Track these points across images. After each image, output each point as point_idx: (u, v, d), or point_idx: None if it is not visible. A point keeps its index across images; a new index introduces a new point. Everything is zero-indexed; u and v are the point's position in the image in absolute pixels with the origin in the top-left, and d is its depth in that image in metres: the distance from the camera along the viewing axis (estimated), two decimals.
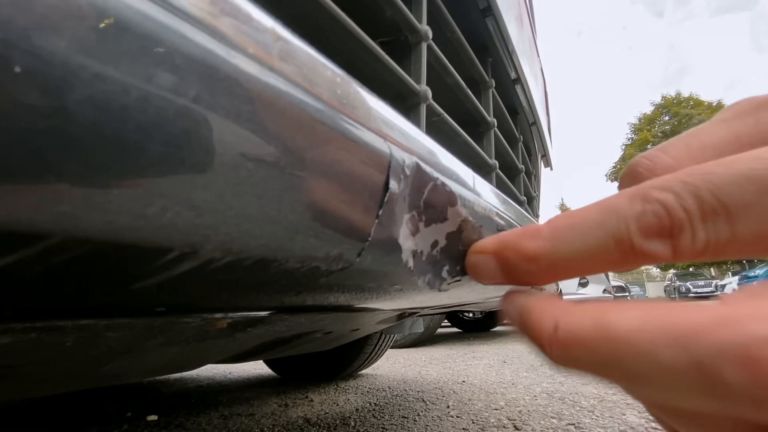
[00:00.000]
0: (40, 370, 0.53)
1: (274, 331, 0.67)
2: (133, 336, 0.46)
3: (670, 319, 0.14)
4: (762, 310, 0.14)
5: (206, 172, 0.12)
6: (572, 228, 0.18)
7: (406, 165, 0.21)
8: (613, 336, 0.15)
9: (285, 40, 0.15)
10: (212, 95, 0.12)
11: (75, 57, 0.09)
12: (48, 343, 0.36)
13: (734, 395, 0.13)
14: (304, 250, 0.16)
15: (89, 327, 0.31)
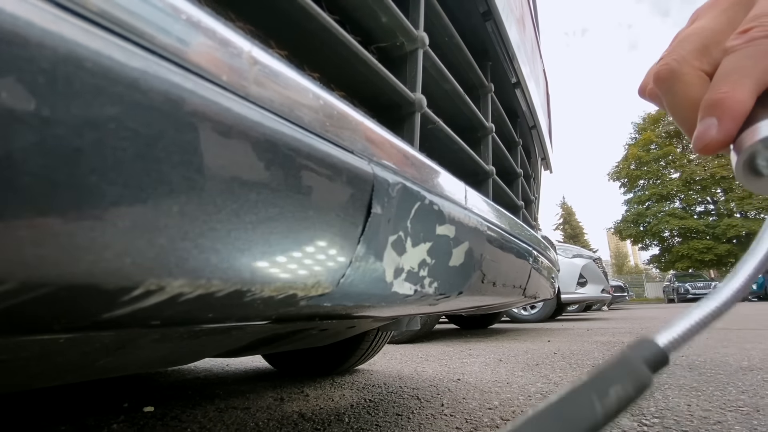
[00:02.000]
0: (34, 365, 0.53)
1: (270, 328, 0.67)
2: (127, 334, 0.46)
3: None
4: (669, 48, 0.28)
5: (168, 212, 0.12)
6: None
7: (391, 187, 0.20)
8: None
9: (262, 65, 0.15)
10: (178, 130, 0.11)
11: (23, 102, 0.08)
12: (41, 340, 0.36)
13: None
14: (279, 280, 0.16)
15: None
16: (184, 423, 1.23)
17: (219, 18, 0.13)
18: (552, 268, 0.78)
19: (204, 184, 0.12)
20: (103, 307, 0.13)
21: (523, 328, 4.75)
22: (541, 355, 2.48)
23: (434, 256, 0.24)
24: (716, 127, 0.25)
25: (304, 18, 0.24)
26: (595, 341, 3.17)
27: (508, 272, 0.40)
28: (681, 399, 1.40)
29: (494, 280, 0.36)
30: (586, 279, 5.68)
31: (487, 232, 0.31)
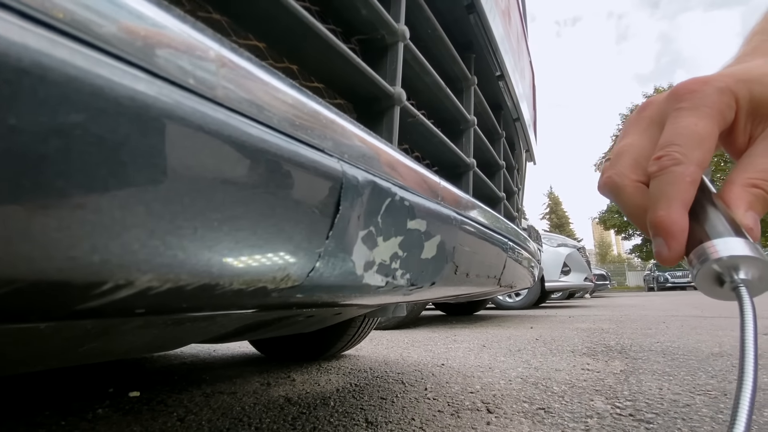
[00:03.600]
0: (15, 350, 0.53)
1: (255, 315, 0.68)
2: (108, 321, 0.46)
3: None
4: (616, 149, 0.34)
5: (134, 212, 0.12)
6: None
7: (360, 185, 0.21)
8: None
9: (231, 67, 0.15)
10: (143, 134, 0.12)
11: None
12: (21, 327, 0.36)
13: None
14: (248, 274, 0.17)
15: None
16: (170, 407, 1.24)
17: (187, 19, 0.14)
18: (531, 258, 0.80)
19: (170, 185, 0.13)
20: (75, 300, 0.13)
21: (508, 315, 4.85)
22: (524, 341, 2.55)
23: (406, 249, 0.25)
24: (666, 247, 0.30)
25: (280, 10, 0.24)
26: (576, 328, 3.27)
27: (482, 263, 0.42)
28: (653, 383, 1.47)
29: (467, 271, 0.37)
30: (569, 267, 5.81)
31: (460, 226, 0.32)
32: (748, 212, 0.30)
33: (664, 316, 4.17)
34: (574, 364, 1.82)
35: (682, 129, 0.31)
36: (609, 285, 12.99)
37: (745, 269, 0.28)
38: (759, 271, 0.28)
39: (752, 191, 0.30)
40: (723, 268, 0.28)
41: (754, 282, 0.28)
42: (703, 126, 0.30)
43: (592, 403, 1.25)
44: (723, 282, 0.29)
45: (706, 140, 0.30)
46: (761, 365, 1.60)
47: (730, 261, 0.28)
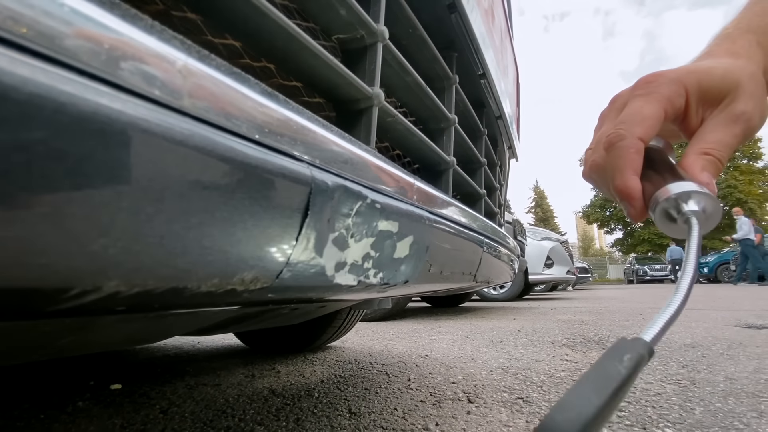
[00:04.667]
0: None
1: (239, 310, 0.67)
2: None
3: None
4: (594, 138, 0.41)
5: (98, 222, 0.13)
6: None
7: (330, 189, 0.21)
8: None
9: (198, 76, 0.16)
10: (108, 147, 0.12)
11: None
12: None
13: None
14: (216, 277, 0.17)
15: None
16: (152, 400, 1.24)
17: (154, 29, 0.14)
18: (510, 254, 0.82)
19: (135, 196, 0.13)
20: (45, 303, 0.14)
21: (492, 307, 4.94)
22: (506, 333, 2.61)
23: (378, 250, 0.25)
24: (630, 207, 0.36)
25: (251, 10, 0.24)
26: (557, 320, 3.35)
27: (457, 261, 0.43)
28: None
29: (441, 269, 0.38)
30: (552, 261, 5.93)
31: (433, 225, 0.33)
32: (703, 172, 0.35)
33: (641, 309, 4.31)
34: (553, 355, 1.87)
35: (630, 111, 0.36)
36: (591, 278, 13.33)
37: (694, 202, 0.32)
38: (708, 205, 0.32)
39: (704, 157, 0.35)
40: (671, 204, 0.32)
41: (704, 215, 0.32)
42: (649, 108, 0.36)
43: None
44: (675, 215, 0.33)
45: (648, 119, 0.35)
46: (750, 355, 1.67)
47: (678, 196, 0.32)
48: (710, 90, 0.36)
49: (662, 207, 0.33)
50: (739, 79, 0.36)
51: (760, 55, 0.41)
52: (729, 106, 0.36)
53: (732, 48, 0.41)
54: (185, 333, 1.07)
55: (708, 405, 1.14)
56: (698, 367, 1.57)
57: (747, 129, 0.36)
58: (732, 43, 0.42)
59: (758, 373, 1.45)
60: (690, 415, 1.05)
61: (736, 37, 0.43)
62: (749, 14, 0.46)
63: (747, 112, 0.36)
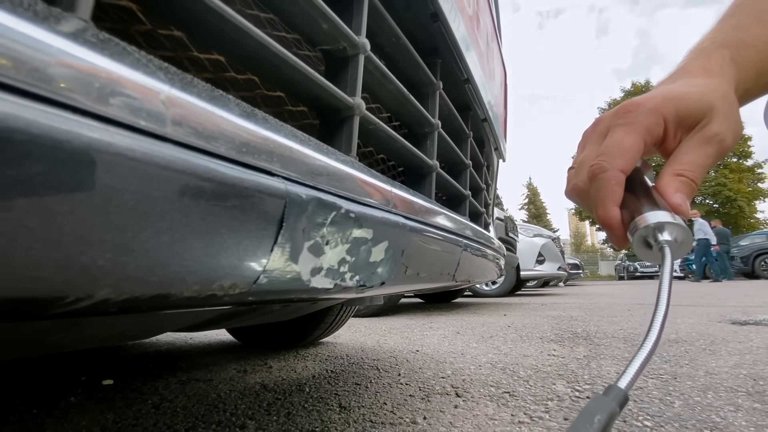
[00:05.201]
0: None
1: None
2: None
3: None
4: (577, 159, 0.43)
5: (88, 240, 0.14)
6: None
7: (304, 201, 0.23)
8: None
9: (180, 105, 0.17)
10: (99, 173, 0.14)
11: None
12: None
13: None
14: (197, 284, 0.19)
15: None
16: (144, 395, 1.25)
17: (140, 62, 0.15)
18: (495, 253, 0.85)
19: (122, 216, 0.15)
20: (42, 309, 0.15)
21: (484, 303, 4.99)
22: (496, 328, 2.65)
23: (353, 255, 0.27)
24: (613, 236, 0.39)
25: (229, 27, 0.25)
26: (547, 315, 3.40)
27: (434, 262, 0.45)
28: (612, 367, 1.56)
29: (418, 270, 0.40)
30: (544, 257, 5.99)
31: (409, 230, 0.35)
32: (677, 194, 0.37)
33: (630, 305, 4.38)
34: (541, 350, 1.91)
35: (612, 142, 0.38)
36: (582, 274, 13.49)
37: (668, 232, 0.35)
38: (680, 235, 0.35)
39: (678, 179, 0.38)
40: (649, 232, 0.35)
41: (676, 244, 0.35)
42: (629, 140, 0.38)
43: (554, 387, 1.33)
44: (651, 244, 0.36)
45: (629, 151, 0.37)
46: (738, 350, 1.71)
47: (655, 226, 0.35)
48: (687, 116, 0.38)
49: (640, 235, 0.36)
50: (712, 102, 0.38)
51: (733, 71, 0.43)
52: (703, 129, 0.38)
53: (706, 65, 0.43)
54: (177, 329, 1.09)
55: (687, 399, 1.17)
56: (681, 362, 1.62)
57: (720, 149, 0.38)
58: (707, 59, 0.44)
59: (738, 368, 1.50)
60: (669, 409, 1.09)
61: (711, 52, 0.44)
62: (725, 28, 0.47)
63: (720, 134, 0.38)
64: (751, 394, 1.19)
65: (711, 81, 0.41)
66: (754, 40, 0.45)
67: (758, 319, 2.78)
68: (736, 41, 0.45)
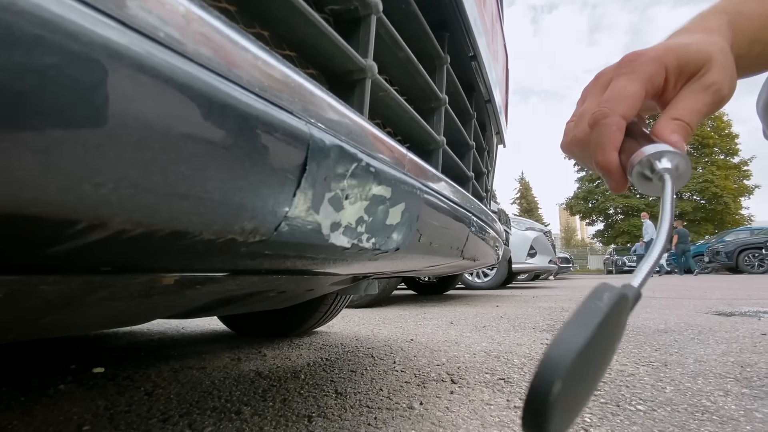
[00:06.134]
0: None
1: (225, 289, 0.67)
2: (71, 290, 0.45)
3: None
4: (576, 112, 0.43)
5: (107, 156, 0.13)
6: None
7: (327, 147, 0.22)
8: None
9: (201, 23, 0.16)
10: (115, 80, 0.12)
11: None
12: None
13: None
14: (217, 224, 0.18)
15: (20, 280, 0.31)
16: (136, 383, 1.23)
17: None
18: (497, 237, 0.84)
19: (141, 133, 0.14)
20: (47, 239, 0.14)
21: (476, 295, 5.03)
22: (489, 319, 2.67)
23: (371, 214, 0.26)
24: (610, 180, 0.39)
25: None
26: (538, 307, 3.44)
27: (445, 234, 0.44)
28: None
29: (430, 240, 0.39)
30: (535, 250, 6.05)
31: (424, 196, 0.34)
32: (673, 134, 0.38)
33: None
34: (534, 339, 1.92)
35: (614, 89, 0.39)
36: (572, 268, 13.71)
37: (667, 159, 0.35)
38: (680, 163, 0.35)
39: (674, 122, 0.38)
40: (647, 163, 0.35)
41: (676, 172, 0.35)
42: (631, 87, 0.39)
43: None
44: (650, 175, 0.36)
45: (630, 98, 0.38)
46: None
47: (652, 155, 0.35)
48: (687, 65, 0.39)
49: (638, 168, 0.36)
50: (711, 52, 0.40)
51: (729, 33, 0.45)
52: (702, 77, 0.39)
53: (706, 24, 0.45)
54: (170, 315, 1.06)
55: (678, 385, 1.19)
56: (670, 351, 1.65)
57: (716, 98, 0.39)
58: (706, 20, 0.46)
59: (726, 356, 1.53)
60: (661, 394, 1.11)
61: (711, 16, 0.47)
62: (723, 1, 0.50)
63: (718, 82, 0.39)
64: (740, 380, 1.22)
65: (709, 36, 0.42)
66: (750, 12, 0.47)
67: (743, 310, 2.85)
68: (734, 11, 0.47)
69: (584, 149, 0.41)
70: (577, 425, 0.90)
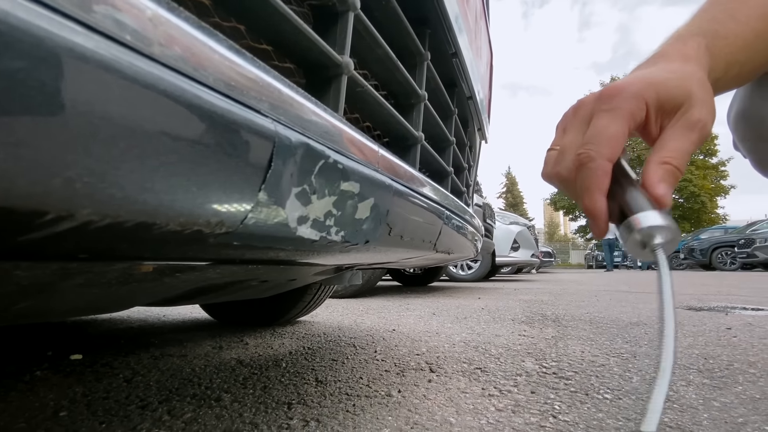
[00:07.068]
0: None
1: (206, 277, 0.68)
2: (47, 276, 0.46)
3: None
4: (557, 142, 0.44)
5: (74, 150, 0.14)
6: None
7: (293, 145, 0.23)
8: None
9: (167, 25, 0.16)
10: (81, 82, 0.13)
11: None
12: None
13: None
14: (183, 216, 0.19)
15: None
16: (115, 369, 1.23)
17: None
18: (474, 231, 0.86)
19: (108, 131, 0.14)
20: (18, 228, 0.15)
21: (459, 287, 5.11)
22: (470, 310, 2.72)
23: (340, 209, 0.27)
24: (595, 227, 0.39)
25: None
26: (519, 299, 3.52)
27: (417, 228, 0.45)
28: (577, 347, 1.64)
29: (401, 233, 0.41)
30: (519, 244, 6.16)
31: (395, 192, 0.35)
32: (660, 184, 0.38)
33: (596, 291, 4.58)
34: (512, 331, 1.98)
35: (597, 130, 0.39)
36: (554, 262, 14.02)
37: (660, 235, 0.36)
38: (670, 235, 0.37)
39: (663, 167, 0.38)
40: (643, 235, 0.37)
41: (667, 243, 0.37)
42: (614, 127, 0.38)
43: (524, 364, 1.38)
44: (645, 246, 0.37)
45: (614, 139, 0.38)
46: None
47: (649, 230, 0.36)
48: (667, 101, 0.40)
49: (634, 237, 0.37)
50: (690, 88, 0.40)
51: (706, 58, 0.45)
52: (685, 115, 0.39)
53: (683, 49, 0.44)
54: (150, 303, 1.06)
55: (644, 375, 1.25)
56: (640, 343, 1.71)
57: (702, 135, 0.40)
58: (684, 45, 0.45)
59: (691, 348, 1.60)
60: (628, 383, 1.16)
61: (688, 38, 0.46)
62: (700, 20, 0.50)
63: (702, 119, 0.39)
64: (702, 371, 1.28)
65: (687, 67, 0.42)
66: (726, 32, 0.47)
67: (712, 305, 2.97)
68: (711, 31, 0.47)
69: (568, 187, 0.41)
70: (546, 412, 0.94)
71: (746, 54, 0.48)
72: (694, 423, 0.87)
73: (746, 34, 0.47)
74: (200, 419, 0.87)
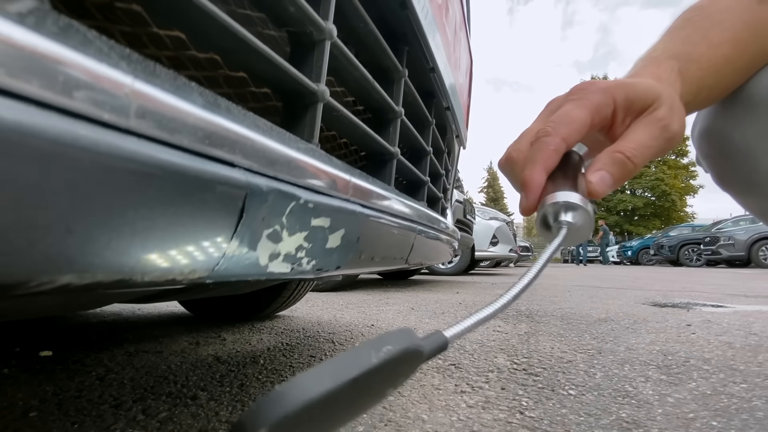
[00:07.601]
0: None
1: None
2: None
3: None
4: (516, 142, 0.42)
5: (54, 228, 0.15)
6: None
7: (265, 192, 0.24)
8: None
9: (143, 97, 0.17)
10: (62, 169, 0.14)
11: None
12: None
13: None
14: (158, 271, 0.20)
15: None
16: (87, 367, 1.21)
17: (102, 53, 0.15)
18: (449, 237, 0.89)
19: (87, 207, 0.15)
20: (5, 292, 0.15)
21: (439, 280, 5.19)
22: (448, 305, 2.79)
23: (311, 242, 0.29)
24: (524, 199, 0.37)
25: (200, 16, 0.24)
26: (496, 294, 3.61)
27: (388, 248, 0.47)
28: (547, 343, 1.71)
29: (372, 255, 0.43)
30: (498, 239, 6.29)
31: (365, 217, 0.37)
32: (598, 171, 0.37)
33: (570, 286, 4.74)
34: (487, 326, 2.04)
35: (560, 113, 0.39)
36: (531, 256, 14.36)
37: (571, 215, 0.34)
38: (581, 220, 0.34)
39: (612, 155, 0.38)
40: (553, 210, 0.34)
41: (575, 227, 0.34)
42: (577, 113, 0.39)
43: (496, 360, 1.44)
44: (555, 219, 0.35)
45: (575, 122, 0.38)
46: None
47: (558, 205, 0.34)
48: (635, 101, 0.40)
49: (544, 211, 0.35)
50: (660, 92, 0.40)
51: (678, 82, 0.45)
52: (651, 114, 0.39)
53: (656, 72, 0.45)
54: (126, 301, 1.04)
55: (607, 371, 1.32)
56: (606, 339, 1.80)
57: (666, 133, 0.38)
58: (657, 67, 0.46)
59: (653, 344, 1.70)
60: (591, 379, 1.22)
61: (661, 61, 0.47)
62: (674, 39, 0.50)
63: (666, 118, 0.39)
64: (660, 368, 1.36)
65: (659, 83, 0.43)
66: (698, 56, 0.48)
67: (675, 302, 3.13)
68: (684, 54, 0.48)
69: (514, 169, 0.40)
70: (514, 408, 0.99)
71: (715, 78, 0.49)
72: (649, 419, 0.93)
73: (717, 59, 0.48)
74: (176, 418, 0.87)
